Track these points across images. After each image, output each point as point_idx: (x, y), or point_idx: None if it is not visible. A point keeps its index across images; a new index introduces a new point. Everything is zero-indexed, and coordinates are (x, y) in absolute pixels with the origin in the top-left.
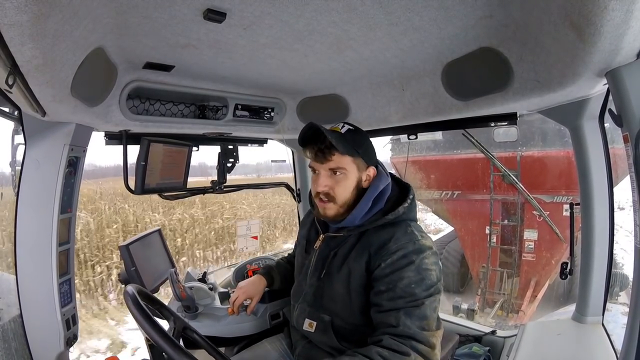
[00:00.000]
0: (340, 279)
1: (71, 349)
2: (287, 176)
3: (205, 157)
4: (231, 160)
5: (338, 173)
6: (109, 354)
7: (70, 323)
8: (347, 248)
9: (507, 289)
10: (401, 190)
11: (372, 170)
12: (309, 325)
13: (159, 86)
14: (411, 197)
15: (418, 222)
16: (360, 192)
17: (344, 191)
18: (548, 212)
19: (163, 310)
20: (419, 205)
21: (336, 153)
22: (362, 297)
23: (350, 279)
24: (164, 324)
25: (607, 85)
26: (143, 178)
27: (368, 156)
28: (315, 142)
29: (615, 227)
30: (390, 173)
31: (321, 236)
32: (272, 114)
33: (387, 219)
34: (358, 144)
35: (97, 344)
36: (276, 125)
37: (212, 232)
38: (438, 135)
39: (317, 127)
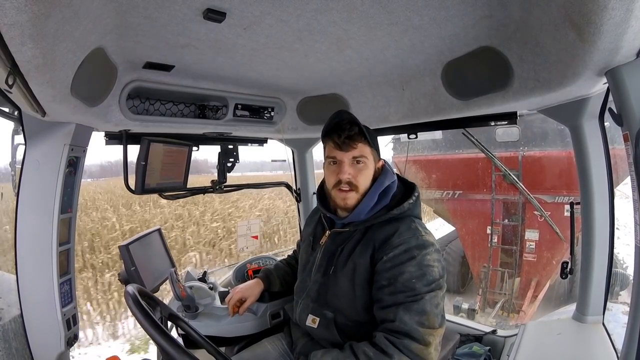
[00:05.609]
0: (345, 275)
1: (71, 348)
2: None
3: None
4: (231, 160)
5: (360, 162)
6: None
7: (71, 323)
8: (352, 243)
9: (508, 289)
10: (406, 190)
11: (381, 163)
12: (311, 321)
13: (159, 86)
14: (416, 194)
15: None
16: (373, 183)
17: (366, 180)
18: (549, 212)
19: (152, 302)
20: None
21: (361, 142)
22: (366, 292)
23: (355, 274)
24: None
25: (607, 84)
26: (143, 178)
27: (378, 149)
28: (339, 130)
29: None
30: (396, 173)
31: (327, 232)
32: (272, 113)
33: (393, 213)
34: (372, 136)
35: None
36: (276, 125)
37: None
38: (437, 134)
39: (346, 115)
